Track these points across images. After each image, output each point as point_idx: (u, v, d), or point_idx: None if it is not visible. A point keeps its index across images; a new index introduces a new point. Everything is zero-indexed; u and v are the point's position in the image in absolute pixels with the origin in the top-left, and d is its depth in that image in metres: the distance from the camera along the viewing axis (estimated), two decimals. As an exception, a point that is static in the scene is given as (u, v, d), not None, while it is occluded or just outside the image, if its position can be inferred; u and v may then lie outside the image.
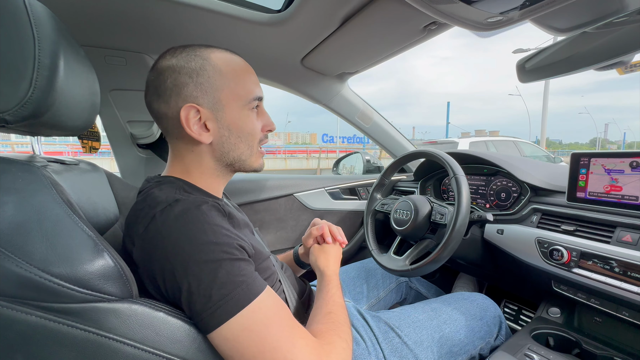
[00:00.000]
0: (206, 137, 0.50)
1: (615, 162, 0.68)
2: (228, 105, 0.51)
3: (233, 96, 0.51)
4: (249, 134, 0.53)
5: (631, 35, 0.51)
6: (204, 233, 0.41)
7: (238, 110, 0.52)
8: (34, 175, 0.38)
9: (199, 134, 0.50)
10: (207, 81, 0.49)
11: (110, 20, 0.80)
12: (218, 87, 0.50)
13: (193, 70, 0.49)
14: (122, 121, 1.05)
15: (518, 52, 10.11)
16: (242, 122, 0.52)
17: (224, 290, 0.39)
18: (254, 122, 0.54)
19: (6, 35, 0.37)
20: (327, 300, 0.55)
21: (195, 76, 0.49)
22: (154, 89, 0.50)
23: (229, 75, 0.51)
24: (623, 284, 0.61)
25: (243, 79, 0.52)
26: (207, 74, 0.49)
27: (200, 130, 0.50)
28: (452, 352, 0.68)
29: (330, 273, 0.63)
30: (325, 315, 0.52)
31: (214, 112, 0.50)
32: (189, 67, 0.49)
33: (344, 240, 0.71)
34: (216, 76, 0.50)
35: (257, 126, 0.54)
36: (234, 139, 0.52)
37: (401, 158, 1.03)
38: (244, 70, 0.53)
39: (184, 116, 0.48)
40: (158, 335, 0.38)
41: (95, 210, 0.52)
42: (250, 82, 0.53)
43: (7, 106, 0.37)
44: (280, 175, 1.32)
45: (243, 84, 0.52)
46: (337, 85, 1.25)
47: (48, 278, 0.33)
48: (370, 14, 0.73)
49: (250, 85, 0.53)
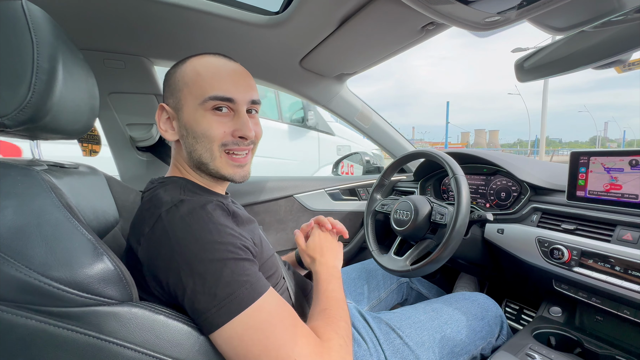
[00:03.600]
0: (170, 135, 0.54)
1: (614, 160, 0.68)
2: (185, 104, 0.52)
3: (189, 95, 0.51)
4: (203, 136, 0.50)
5: (629, 34, 0.51)
6: (209, 233, 0.42)
7: (193, 110, 0.51)
8: (34, 180, 0.38)
9: (165, 131, 0.54)
10: (174, 82, 0.53)
11: (109, 24, 0.80)
12: (179, 87, 0.52)
13: (168, 75, 0.55)
14: (121, 124, 1.05)
15: (517, 51, 10.10)
16: (195, 122, 0.50)
17: (228, 289, 0.40)
18: (210, 124, 0.50)
19: (5, 39, 0.37)
20: (322, 297, 0.55)
21: (168, 79, 0.54)
22: None
23: (190, 75, 0.51)
24: (624, 282, 0.61)
25: (204, 79, 0.50)
26: (175, 77, 0.53)
27: (166, 127, 0.54)
28: (453, 352, 0.68)
29: (325, 265, 0.63)
30: (320, 312, 0.52)
31: (176, 111, 0.53)
32: (169, 73, 0.55)
33: (343, 229, 0.72)
34: (179, 78, 0.52)
35: (214, 128, 0.50)
36: (190, 139, 0.52)
37: (401, 158, 1.03)
38: (212, 71, 0.51)
39: (158, 114, 0.54)
40: (158, 338, 0.38)
41: (94, 213, 0.52)
42: (214, 81, 0.50)
43: (6, 110, 0.37)
44: (280, 177, 1.32)
45: (201, 83, 0.50)
46: (336, 86, 1.25)
47: (48, 282, 0.33)
48: (368, 15, 0.74)
49: (210, 85, 0.50)
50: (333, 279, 0.60)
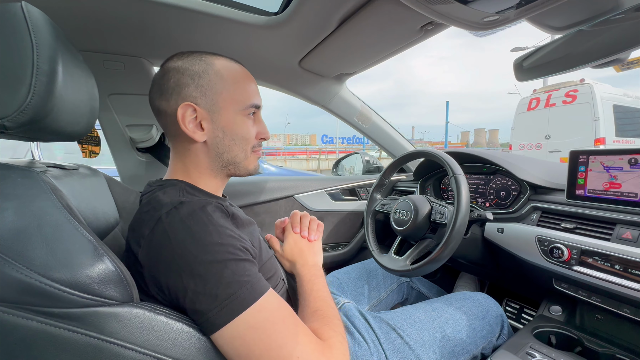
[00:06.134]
0: (200, 136, 0.52)
1: (614, 159, 0.68)
2: (225, 108, 0.53)
3: (231, 100, 0.53)
4: (243, 138, 0.55)
5: (628, 33, 0.51)
6: (209, 234, 0.42)
7: (234, 115, 0.54)
8: (34, 181, 0.38)
9: (193, 132, 0.52)
10: (208, 84, 0.52)
11: (108, 25, 0.80)
12: (217, 90, 0.52)
13: (195, 73, 0.51)
14: (121, 125, 1.05)
15: (516, 50, 10.10)
16: (236, 125, 0.54)
17: (229, 289, 0.40)
18: (249, 128, 0.56)
19: (4, 41, 0.37)
20: (309, 298, 0.55)
21: (197, 78, 0.51)
22: (158, 87, 0.53)
23: (230, 81, 0.53)
24: (624, 281, 0.61)
25: (242, 86, 0.55)
26: (209, 77, 0.52)
27: (194, 129, 0.52)
28: (454, 352, 0.68)
29: (305, 266, 0.62)
30: (312, 313, 0.52)
31: (210, 113, 0.52)
32: (192, 69, 0.52)
33: (310, 235, 0.67)
34: (217, 80, 0.52)
35: (251, 132, 0.56)
36: (228, 141, 0.54)
37: (400, 158, 1.03)
38: (244, 78, 0.56)
39: (181, 113, 0.51)
40: (159, 338, 0.38)
41: (95, 214, 0.52)
42: (250, 90, 0.55)
43: (6, 112, 0.37)
44: (280, 177, 1.32)
45: (242, 90, 0.54)
46: (336, 87, 1.25)
47: (48, 283, 0.33)
48: (367, 15, 0.74)
49: (248, 93, 0.55)
50: (316, 278, 0.59)
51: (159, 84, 0.53)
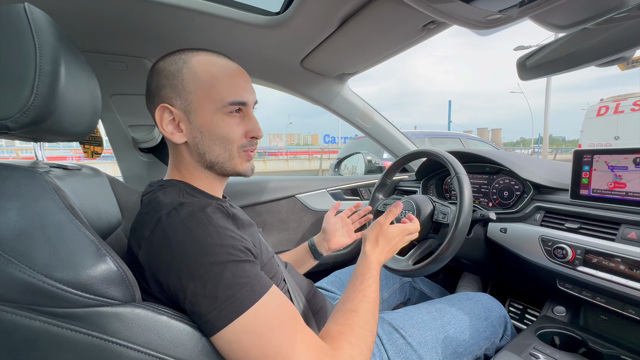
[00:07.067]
0: (178, 137, 0.52)
1: (618, 158, 0.68)
2: (200, 107, 0.51)
3: (206, 99, 0.51)
4: (224, 138, 0.52)
5: (632, 31, 0.50)
6: (209, 235, 0.42)
7: (210, 114, 0.51)
8: (37, 181, 0.38)
9: (172, 134, 0.52)
10: (181, 83, 0.50)
11: (110, 26, 0.81)
12: (190, 89, 0.51)
13: (170, 73, 0.51)
14: (123, 126, 1.06)
15: (519, 49, 10.04)
16: (214, 125, 0.51)
17: (229, 291, 0.40)
18: (231, 127, 0.52)
19: (7, 42, 0.37)
20: (354, 295, 0.53)
21: (172, 78, 0.51)
22: (147, 90, 0.54)
23: (205, 78, 0.51)
24: (629, 281, 0.61)
25: (220, 82, 0.51)
26: (182, 77, 0.51)
27: (173, 130, 0.52)
28: (456, 352, 0.68)
29: (371, 259, 0.60)
30: (345, 313, 0.50)
31: (186, 114, 0.51)
32: (168, 69, 0.51)
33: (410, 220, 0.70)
34: (190, 79, 0.51)
35: (234, 131, 0.53)
36: (208, 141, 0.52)
37: (402, 158, 1.03)
38: (225, 74, 0.52)
39: (159, 116, 0.51)
40: (161, 338, 0.39)
41: (97, 214, 0.52)
42: (230, 86, 0.52)
43: (9, 113, 0.37)
44: (282, 177, 1.32)
45: (218, 87, 0.51)
46: (337, 86, 1.25)
47: (51, 283, 0.34)
48: (369, 15, 0.73)
49: (228, 90, 0.51)
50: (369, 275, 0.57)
51: (147, 86, 0.54)
